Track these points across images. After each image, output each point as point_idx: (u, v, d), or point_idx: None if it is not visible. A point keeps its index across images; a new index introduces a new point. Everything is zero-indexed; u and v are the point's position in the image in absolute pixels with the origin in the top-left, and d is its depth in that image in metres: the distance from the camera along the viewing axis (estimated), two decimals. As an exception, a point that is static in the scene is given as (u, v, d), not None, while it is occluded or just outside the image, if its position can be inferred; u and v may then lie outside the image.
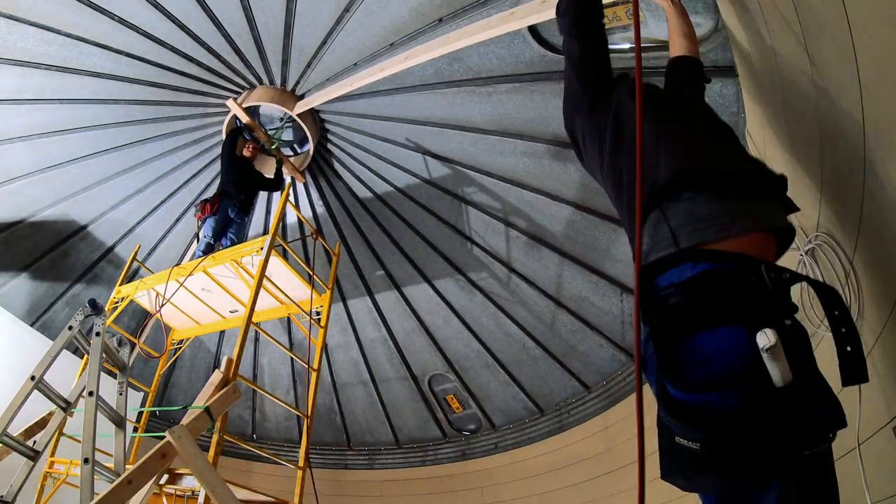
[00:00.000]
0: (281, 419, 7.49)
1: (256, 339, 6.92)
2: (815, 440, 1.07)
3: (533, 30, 3.80)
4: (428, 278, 5.96)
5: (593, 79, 1.67)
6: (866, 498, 1.82)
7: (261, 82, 5.07)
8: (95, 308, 3.27)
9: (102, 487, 2.69)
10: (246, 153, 5.24)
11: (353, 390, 7.07)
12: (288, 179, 5.67)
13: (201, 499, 3.24)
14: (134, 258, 5.21)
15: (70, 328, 3.16)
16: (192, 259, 6.06)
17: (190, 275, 4.50)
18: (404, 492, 6.74)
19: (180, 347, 5.83)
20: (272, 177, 5.34)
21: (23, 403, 2.93)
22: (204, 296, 4.92)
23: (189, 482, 3.35)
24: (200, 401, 3.32)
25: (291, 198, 5.40)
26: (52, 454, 3.97)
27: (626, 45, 3.66)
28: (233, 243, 4.97)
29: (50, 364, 3.05)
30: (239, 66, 4.89)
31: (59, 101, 4.96)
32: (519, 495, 5.79)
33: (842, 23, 1.52)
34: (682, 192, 1.29)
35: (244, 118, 5.14)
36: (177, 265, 6.06)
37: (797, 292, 2.49)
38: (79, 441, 2.80)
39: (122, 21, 4.40)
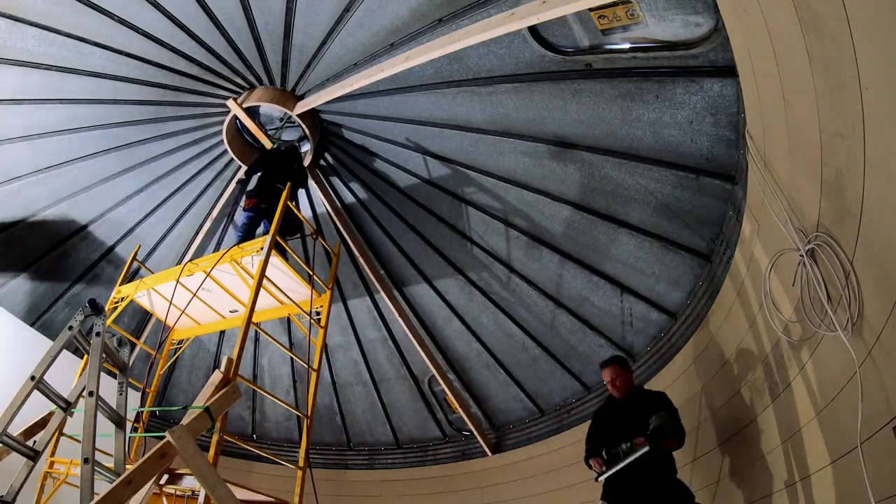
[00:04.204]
0: (281, 419, 7.49)
1: (256, 339, 6.92)
2: None
3: (533, 30, 3.80)
4: (428, 278, 5.96)
5: None
6: (869, 496, 1.82)
7: (261, 82, 5.07)
8: (95, 308, 3.27)
9: (102, 487, 2.69)
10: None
11: (353, 390, 7.07)
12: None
13: (201, 499, 3.24)
14: (134, 258, 5.21)
15: (70, 328, 3.16)
16: (192, 259, 6.06)
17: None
18: (404, 492, 6.74)
19: (180, 347, 5.83)
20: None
21: (23, 403, 2.92)
22: (204, 295, 4.91)
23: (189, 482, 3.35)
24: (200, 401, 3.32)
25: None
26: (52, 454, 3.96)
27: (626, 46, 3.66)
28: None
29: (50, 364, 3.05)
30: (239, 67, 4.89)
31: (59, 101, 4.96)
32: (519, 495, 5.79)
33: (842, 23, 1.52)
34: None
35: (244, 118, 5.14)
36: (179, 264, 6.07)
37: (797, 296, 2.49)
38: (79, 441, 2.80)
39: (122, 21, 4.40)
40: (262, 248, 4.20)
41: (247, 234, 4.85)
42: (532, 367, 5.86)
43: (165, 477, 3.34)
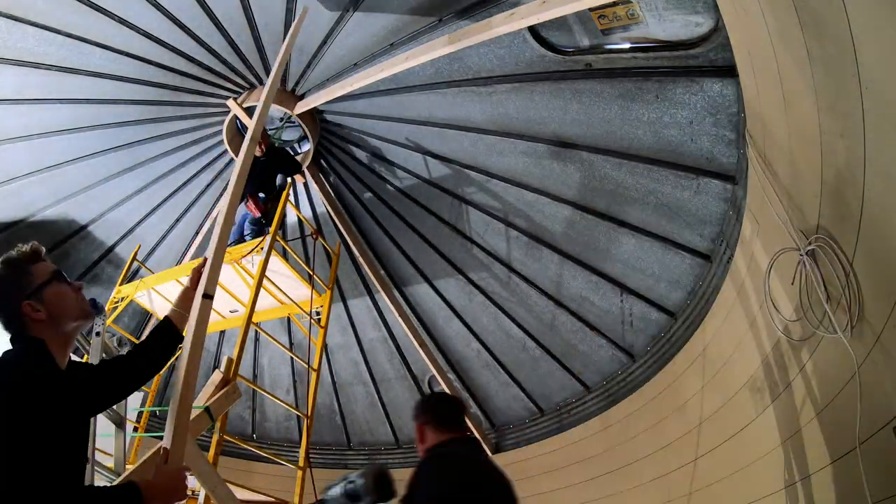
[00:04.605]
0: (281, 419, 7.49)
1: (256, 339, 6.92)
2: None
3: (533, 30, 3.80)
4: (428, 278, 5.96)
5: None
6: (866, 497, 1.82)
7: (261, 82, 5.07)
8: (95, 308, 3.26)
9: (102, 487, 2.69)
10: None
11: (353, 390, 7.07)
12: (288, 179, 5.67)
13: (201, 499, 3.24)
14: (134, 258, 5.21)
15: (70, 328, 3.15)
16: (192, 259, 6.06)
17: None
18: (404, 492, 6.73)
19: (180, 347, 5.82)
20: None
21: (23, 403, 2.92)
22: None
23: (189, 482, 3.35)
24: (200, 401, 3.32)
25: (291, 198, 5.40)
26: (52, 454, 3.96)
27: (626, 45, 3.66)
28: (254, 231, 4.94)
29: (50, 364, 3.05)
30: (239, 67, 4.89)
31: (59, 101, 4.96)
32: (519, 495, 5.79)
33: (842, 23, 1.52)
34: None
35: (244, 118, 5.13)
36: (179, 264, 6.07)
37: (797, 296, 2.50)
38: (79, 441, 2.79)
39: (122, 21, 4.40)
40: (262, 248, 4.21)
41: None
42: (532, 367, 5.86)
43: (165, 477, 3.33)
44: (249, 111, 5.13)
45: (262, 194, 4.99)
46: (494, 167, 4.92)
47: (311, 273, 4.85)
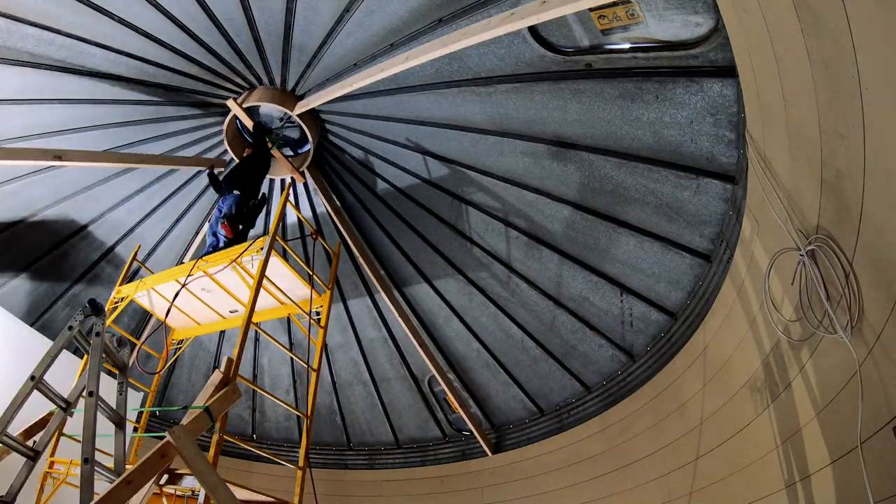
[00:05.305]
0: (281, 419, 7.50)
1: (256, 339, 6.92)
2: None
3: (533, 30, 3.80)
4: (428, 278, 5.96)
5: None
6: (868, 497, 1.82)
7: (261, 82, 5.07)
8: (95, 308, 3.27)
9: (102, 487, 2.69)
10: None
11: (353, 390, 7.07)
12: (288, 179, 5.67)
13: (201, 499, 3.24)
14: (134, 258, 5.21)
15: (70, 328, 3.16)
16: (192, 258, 6.06)
17: (190, 274, 4.50)
18: (404, 492, 6.74)
19: (180, 348, 5.83)
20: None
21: (23, 403, 2.93)
22: (204, 296, 4.91)
23: (189, 482, 3.35)
24: (200, 401, 3.32)
25: (291, 198, 5.39)
26: (52, 454, 3.96)
27: (626, 45, 3.66)
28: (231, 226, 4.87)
29: (50, 364, 3.06)
30: (239, 67, 4.89)
31: (59, 101, 4.96)
32: (519, 495, 5.79)
33: (842, 23, 1.52)
34: None
35: (244, 118, 5.13)
36: (179, 264, 6.07)
37: (797, 296, 2.49)
38: (79, 441, 2.80)
39: (122, 21, 4.40)
40: (262, 249, 4.21)
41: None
42: (532, 367, 5.86)
43: (165, 477, 3.34)
44: (249, 111, 5.13)
45: (237, 191, 4.95)
46: (494, 167, 4.92)
47: (311, 273, 4.85)
